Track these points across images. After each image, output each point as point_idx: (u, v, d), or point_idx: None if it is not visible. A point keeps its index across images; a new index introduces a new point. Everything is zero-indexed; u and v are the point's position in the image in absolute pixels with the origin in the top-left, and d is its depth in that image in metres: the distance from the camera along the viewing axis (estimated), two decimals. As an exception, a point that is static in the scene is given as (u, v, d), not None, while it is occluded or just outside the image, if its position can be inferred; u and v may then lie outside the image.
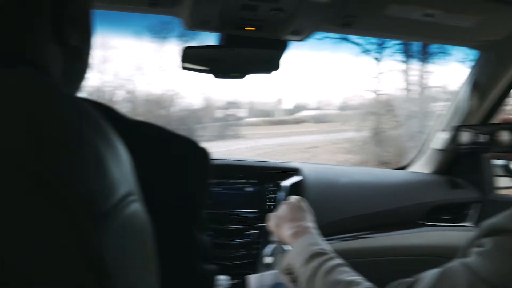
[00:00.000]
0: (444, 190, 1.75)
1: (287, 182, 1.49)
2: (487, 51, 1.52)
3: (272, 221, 1.06)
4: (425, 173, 1.86)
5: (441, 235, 1.66)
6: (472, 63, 1.62)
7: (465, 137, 1.05)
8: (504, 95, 1.60)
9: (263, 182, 1.50)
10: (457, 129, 1.07)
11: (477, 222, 1.72)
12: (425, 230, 1.67)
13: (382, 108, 5.56)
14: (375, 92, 5.60)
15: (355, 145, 5.96)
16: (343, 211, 1.58)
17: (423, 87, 5.26)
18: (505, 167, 1.69)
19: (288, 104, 8.10)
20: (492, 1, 1.14)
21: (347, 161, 5.89)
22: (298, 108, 8.08)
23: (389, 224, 1.63)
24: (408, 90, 5.40)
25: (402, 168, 2.00)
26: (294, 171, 1.55)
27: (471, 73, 1.63)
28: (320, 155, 6.54)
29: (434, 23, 1.20)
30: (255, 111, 7.87)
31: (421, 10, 1.14)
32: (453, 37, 1.39)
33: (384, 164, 5.17)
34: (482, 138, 1.04)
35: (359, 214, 1.60)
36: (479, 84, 1.59)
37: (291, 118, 7.94)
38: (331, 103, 7.35)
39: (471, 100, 1.60)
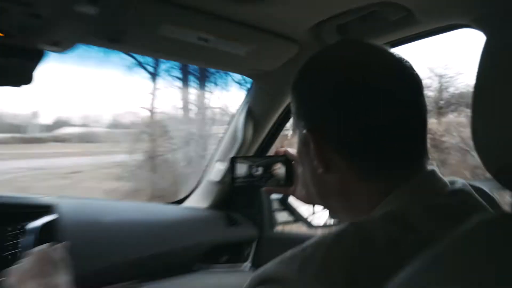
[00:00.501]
0: (222, 228, 1.87)
1: (35, 224, 1.39)
2: (260, 80, 1.71)
3: (13, 277, 0.99)
4: (202, 208, 1.95)
5: (219, 278, 1.76)
6: (247, 91, 1.80)
7: (241, 169, 1.15)
8: (278, 126, 1.81)
9: (2, 224, 1.37)
10: (233, 160, 1.16)
11: (255, 261, 1.89)
12: (201, 274, 1.74)
13: (158, 129, 5.70)
14: (150, 110, 5.71)
15: (126, 171, 5.95)
16: (109, 257, 1.53)
17: (204, 108, 5.58)
18: (283, 201, 1.90)
19: (46, 119, 7.62)
20: (263, 32, 1.29)
21: (116, 190, 5.82)
22: (59, 124, 7.68)
23: (162, 270, 1.65)
24: (187, 110, 5.66)
25: (178, 202, 2.07)
26: (46, 209, 1.45)
27: (245, 101, 1.79)
28: (84, 182, 6.32)
29: (208, 48, 1.30)
30: (2, 126, 7.20)
31: (194, 33, 1.22)
32: (228, 63, 1.52)
33: (158, 197, 5.28)
34: (258, 171, 1.15)
35: (128, 259, 1.57)
36: (253, 113, 1.76)
37: (49, 136, 7.50)
38: (99, 120, 7.20)
39: (246, 129, 1.76)
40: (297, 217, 1.86)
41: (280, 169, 1.12)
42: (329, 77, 0.75)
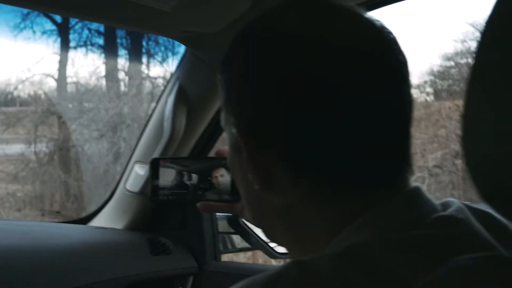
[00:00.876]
0: (144, 257, 1.88)
1: None
2: (196, 47, 1.71)
3: None
4: (116, 229, 1.98)
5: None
6: (178, 61, 1.81)
7: (167, 176, 1.15)
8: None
9: None
10: (154, 164, 1.16)
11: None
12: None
13: (71, 107, 5.66)
14: (59, 79, 5.66)
15: (24, 168, 5.93)
16: None
17: (140, 78, 5.54)
18: (233, 220, 1.92)
19: None
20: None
21: (10, 195, 5.81)
22: None
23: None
24: (115, 80, 5.62)
25: (83, 221, 2.08)
26: None
27: (175, 77, 1.81)
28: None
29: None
30: None
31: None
32: (146, 22, 1.53)
33: (70, 208, 5.25)
34: (192, 179, 1.15)
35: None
36: (187, 94, 1.78)
37: None
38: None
39: (176, 118, 1.76)
40: (255, 243, 1.88)
41: (223, 177, 1.10)
42: (270, 53, 0.74)
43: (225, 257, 2.04)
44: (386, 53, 0.74)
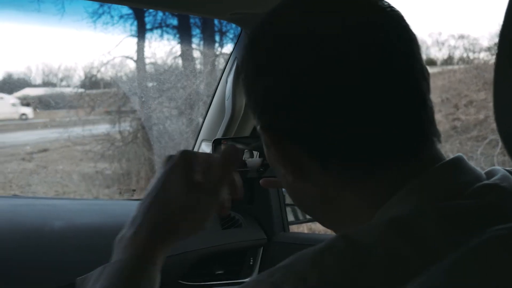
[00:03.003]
0: (215, 231, 1.90)
1: None
2: (246, 27, 1.70)
3: None
4: (188, 205, 1.99)
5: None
6: (234, 42, 1.81)
7: None
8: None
9: None
10: (216, 144, 1.19)
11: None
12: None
13: (150, 87, 5.70)
14: (138, 61, 5.72)
15: (110, 147, 6.03)
16: (55, 277, 1.51)
17: (213, 55, 5.54)
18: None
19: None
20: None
21: (99, 174, 5.93)
22: (16, 84, 7.76)
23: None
24: (189, 59, 5.64)
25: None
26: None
27: (232, 57, 1.80)
28: (53, 163, 6.40)
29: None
30: None
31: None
32: (196, 4, 1.54)
33: (131, 191, 5.31)
34: (253, 157, 1.17)
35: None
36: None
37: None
38: (68, 77, 7.23)
39: (236, 98, 1.77)
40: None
41: None
42: (281, 47, 0.74)
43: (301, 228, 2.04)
44: (393, 31, 0.73)
